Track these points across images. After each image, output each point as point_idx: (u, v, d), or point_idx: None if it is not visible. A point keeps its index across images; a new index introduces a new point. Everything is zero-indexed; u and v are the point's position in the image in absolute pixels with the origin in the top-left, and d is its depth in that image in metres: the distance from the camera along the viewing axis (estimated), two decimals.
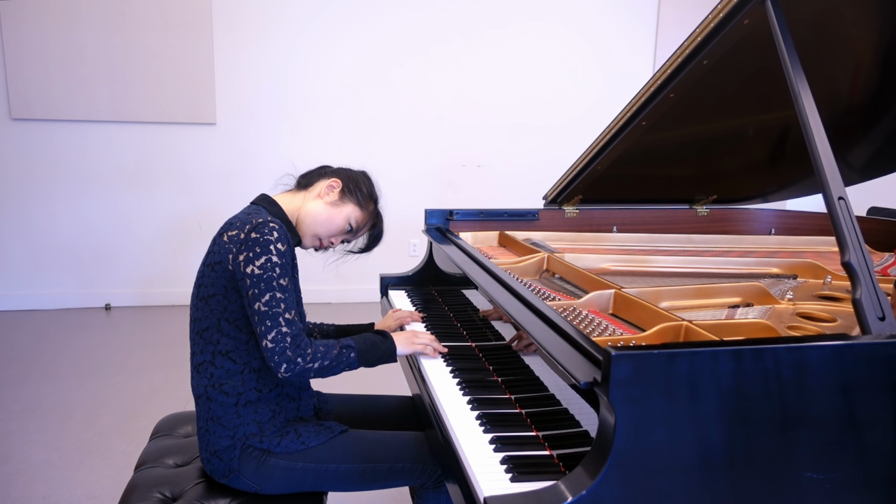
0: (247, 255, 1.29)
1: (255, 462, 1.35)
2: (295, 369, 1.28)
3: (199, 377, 1.38)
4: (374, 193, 1.60)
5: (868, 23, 1.55)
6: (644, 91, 1.72)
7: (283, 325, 1.28)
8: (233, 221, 1.38)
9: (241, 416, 1.36)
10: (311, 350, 1.31)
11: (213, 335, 1.36)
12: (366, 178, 1.59)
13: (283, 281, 1.30)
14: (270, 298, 1.28)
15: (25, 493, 2.22)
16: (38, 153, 4.09)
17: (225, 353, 1.35)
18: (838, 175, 1.12)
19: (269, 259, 1.29)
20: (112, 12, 3.99)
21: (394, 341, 1.46)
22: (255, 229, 1.31)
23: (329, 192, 1.52)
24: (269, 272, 1.28)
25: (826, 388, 0.95)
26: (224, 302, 1.34)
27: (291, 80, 4.29)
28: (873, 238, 2.02)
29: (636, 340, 1.20)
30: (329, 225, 1.52)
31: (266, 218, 1.34)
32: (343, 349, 1.36)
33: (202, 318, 1.37)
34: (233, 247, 1.32)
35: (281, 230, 1.33)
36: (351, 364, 1.37)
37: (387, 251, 5.17)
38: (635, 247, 2.15)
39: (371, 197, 1.58)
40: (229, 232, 1.35)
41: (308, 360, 1.30)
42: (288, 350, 1.28)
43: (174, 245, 4.34)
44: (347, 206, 1.53)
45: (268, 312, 1.28)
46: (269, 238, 1.30)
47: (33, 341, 3.69)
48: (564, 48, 4.59)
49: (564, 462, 1.05)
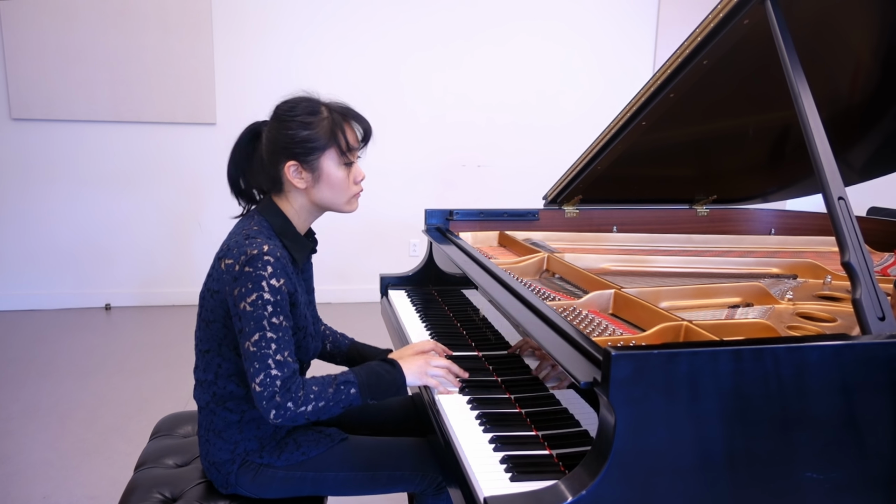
0: (240, 291, 1.21)
1: (252, 473, 1.33)
2: (286, 415, 1.19)
3: (203, 391, 1.35)
4: (309, 117, 1.29)
5: (868, 23, 1.55)
6: (644, 91, 1.72)
7: (272, 368, 1.19)
8: (231, 246, 1.27)
9: (242, 432, 1.33)
10: (303, 392, 1.21)
11: (215, 359, 1.32)
12: (290, 119, 1.29)
13: (276, 319, 1.21)
14: (260, 338, 1.19)
15: (25, 493, 2.22)
16: (38, 153, 4.09)
17: (228, 377, 1.31)
18: (838, 175, 1.12)
19: (259, 296, 1.19)
20: (112, 12, 3.99)
21: (403, 371, 1.31)
22: (249, 262, 1.20)
23: (300, 177, 1.31)
24: (260, 310, 1.19)
25: (826, 388, 0.95)
26: (224, 330, 1.29)
27: (291, 80, 4.28)
28: (873, 238, 2.02)
29: (636, 340, 1.20)
30: (339, 188, 1.33)
31: (262, 249, 1.22)
32: (341, 386, 1.25)
33: (204, 340, 1.33)
34: (228, 278, 1.23)
35: (278, 262, 1.22)
36: (352, 401, 1.25)
37: (387, 251, 5.17)
38: (635, 247, 2.15)
39: (312, 125, 1.29)
40: (226, 260, 1.25)
41: (300, 404, 1.20)
42: (277, 395, 1.18)
43: (174, 245, 4.34)
44: (323, 162, 1.30)
45: (256, 353, 1.19)
46: (262, 273, 1.20)
47: (33, 341, 3.69)
48: (565, 48, 4.59)
49: (564, 462, 1.05)
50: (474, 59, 4.49)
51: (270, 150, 1.32)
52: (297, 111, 1.30)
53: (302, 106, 1.31)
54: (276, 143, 1.31)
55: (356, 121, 1.35)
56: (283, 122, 1.30)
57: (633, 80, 4.58)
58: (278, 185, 1.34)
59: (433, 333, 1.69)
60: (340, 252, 4.50)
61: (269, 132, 1.32)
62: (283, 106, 1.33)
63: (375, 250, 4.55)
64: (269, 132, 1.32)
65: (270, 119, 1.34)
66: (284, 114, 1.31)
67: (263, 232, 1.29)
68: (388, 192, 4.51)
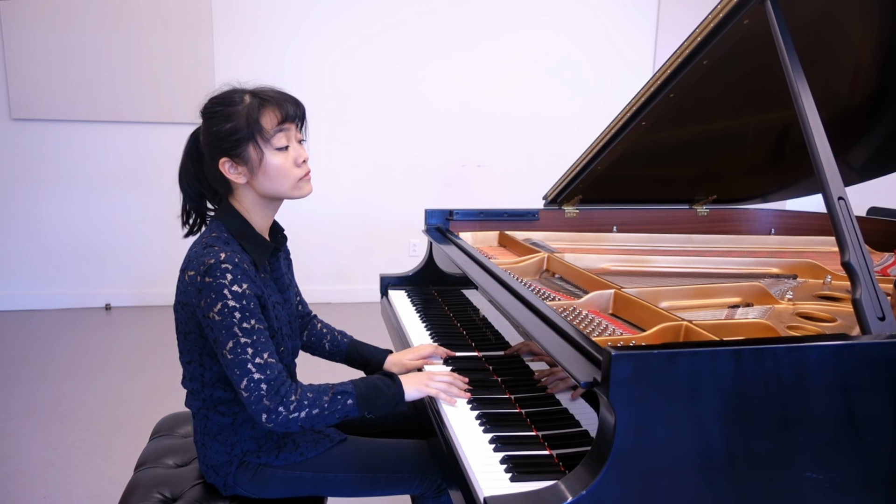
0: (205, 302, 1.19)
1: (250, 473, 1.33)
2: (278, 419, 1.18)
3: (193, 399, 1.35)
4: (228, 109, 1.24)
5: (868, 23, 1.55)
6: (644, 91, 1.72)
7: (253, 372, 1.17)
8: (191, 257, 1.25)
9: (237, 433, 1.33)
10: (297, 398, 1.20)
11: (197, 369, 1.31)
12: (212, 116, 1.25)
13: (247, 324, 1.18)
14: (234, 345, 1.18)
15: (25, 492, 2.22)
16: (38, 153, 4.09)
17: (213, 384, 1.31)
18: (838, 175, 1.13)
19: (224, 304, 1.17)
20: (112, 12, 3.99)
21: (402, 385, 1.31)
22: (208, 272, 1.18)
23: (238, 172, 1.26)
24: (228, 318, 1.17)
25: (826, 388, 0.95)
26: (201, 340, 1.27)
27: (292, 79, 4.29)
28: (873, 238, 2.02)
29: (636, 340, 1.20)
30: (280, 175, 1.27)
31: (218, 257, 1.19)
32: (338, 395, 1.24)
33: (184, 352, 1.32)
34: (192, 290, 1.22)
35: (237, 269, 1.19)
36: (349, 412, 1.24)
37: (387, 251, 5.16)
38: (635, 247, 2.15)
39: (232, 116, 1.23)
40: (188, 272, 1.23)
41: (292, 410, 1.19)
42: (265, 399, 1.17)
43: (174, 245, 4.34)
44: (253, 152, 1.24)
45: (234, 360, 1.18)
46: (223, 282, 1.17)
47: (33, 341, 3.69)
48: (565, 48, 4.59)
49: (564, 462, 1.05)
50: (475, 60, 4.49)
51: (207, 151, 1.28)
52: (216, 105, 1.26)
53: (220, 98, 1.26)
54: (206, 143, 1.27)
55: (278, 101, 1.26)
56: (207, 119, 1.27)
57: (633, 80, 4.58)
58: (227, 185, 1.30)
59: (433, 333, 1.69)
60: (340, 252, 4.50)
61: (202, 134, 1.29)
62: (206, 103, 1.28)
63: (375, 250, 4.55)
64: (202, 134, 1.29)
65: (201, 122, 1.30)
66: (207, 111, 1.27)
67: (221, 238, 1.26)
68: (388, 192, 4.51)
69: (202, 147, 1.30)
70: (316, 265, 4.44)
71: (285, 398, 1.19)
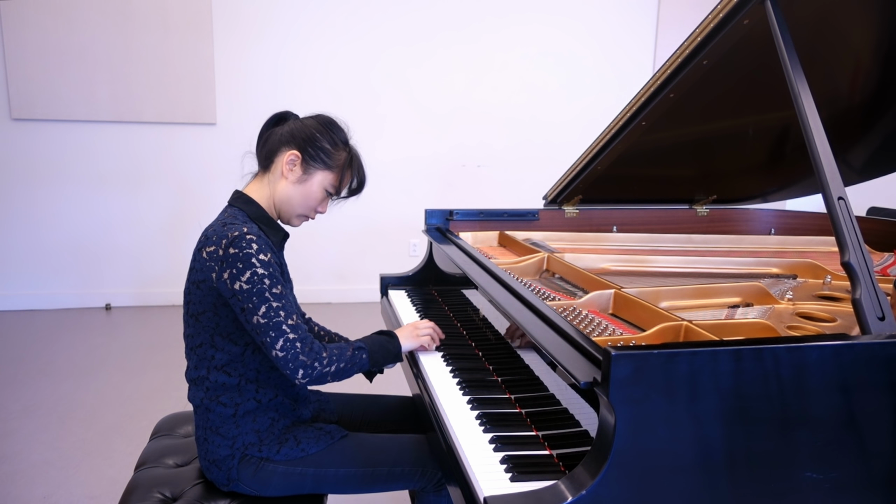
0: (230, 273, 1.24)
1: (252, 468, 1.34)
2: (313, 374, 1.26)
3: (196, 390, 1.37)
4: (340, 140, 1.42)
5: (868, 23, 1.55)
6: (644, 91, 1.72)
7: (288, 332, 1.25)
8: (209, 235, 1.32)
9: (239, 426, 1.35)
10: (327, 353, 1.30)
11: (208, 351, 1.33)
12: (326, 129, 1.41)
13: (276, 289, 1.26)
14: (267, 310, 1.24)
15: (26, 492, 2.22)
16: (39, 153, 4.09)
17: (220, 368, 1.33)
18: (838, 175, 1.13)
19: (254, 272, 1.24)
20: (112, 12, 3.99)
21: (399, 340, 1.46)
22: (233, 244, 1.25)
23: (291, 169, 1.39)
24: (259, 284, 1.24)
25: (826, 388, 0.95)
26: (215, 318, 1.31)
27: (292, 79, 4.29)
28: (873, 238, 2.02)
29: (636, 340, 1.20)
30: (306, 201, 1.42)
31: (242, 230, 1.27)
32: (356, 350, 1.36)
33: (195, 335, 1.35)
34: (213, 265, 1.27)
35: (260, 240, 1.28)
36: (363, 366, 1.37)
37: (387, 251, 5.16)
38: (635, 247, 2.15)
39: (338, 147, 1.42)
40: (207, 248, 1.29)
41: (325, 364, 1.28)
42: (301, 355, 1.25)
43: (174, 245, 4.34)
44: (317, 175, 1.40)
45: (268, 324, 1.24)
46: (249, 251, 1.25)
47: (33, 341, 3.69)
48: (564, 49, 4.59)
49: (564, 462, 1.05)
50: (475, 60, 4.49)
51: (290, 132, 1.40)
52: (335, 130, 1.42)
53: (339, 130, 1.43)
54: (301, 131, 1.40)
55: (358, 176, 1.46)
56: (319, 125, 1.41)
57: (633, 81, 4.59)
58: (267, 163, 1.42)
59: None
60: (340, 252, 4.50)
61: (302, 122, 1.43)
62: (327, 118, 1.44)
63: (375, 250, 4.55)
64: (302, 122, 1.43)
65: (310, 117, 1.44)
66: (326, 123, 1.42)
67: (239, 218, 1.36)
68: (388, 192, 4.51)
69: (289, 125, 1.42)
70: (316, 265, 4.44)
71: (318, 354, 1.28)
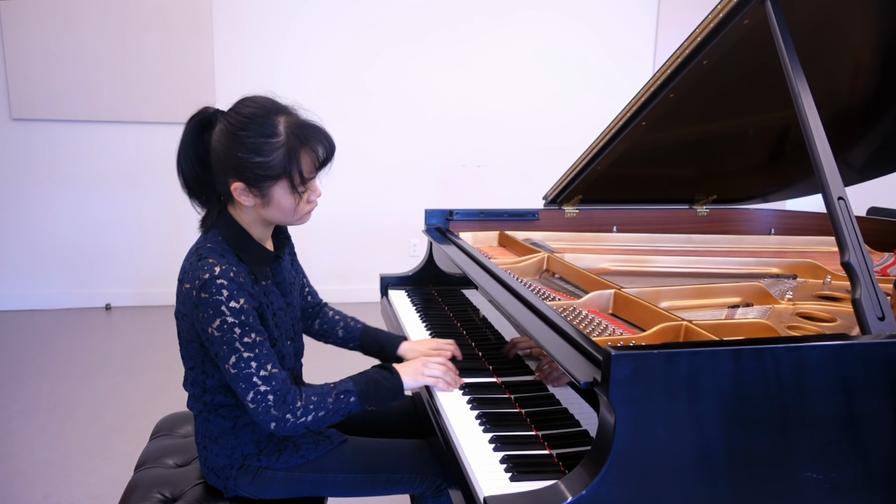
0: (203, 316, 1.17)
1: (251, 475, 1.33)
2: (286, 426, 1.20)
3: (194, 402, 1.35)
4: (267, 136, 1.16)
5: (868, 23, 1.55)
6: (644, 91, 1.72)
7: (259, 385, 1.18)
8: (186, 268, 1.23)
9: (238, 436, 1.33)
10: (302, 403, 1.21)
11: (199, 375, 1.30)
12: (245, 139, 1.16)
13: (248, 338, 1.18)
14: (237, 360, 1.17)
15: (26, 492, 2.22)
16: (39, 153, 4.09)
17: (215, 390, 1.31)
18: (838, 175, 1.13)
19: (223, 321, 1.16)
20: (112, 12, 3.99)
21: (400, 377, 1.33)
22: (203, 288, 1.16)
23: (247, 197, 1.21)
24: (228, 334, 1.16)
25: (825, 388, 0.95)
26: (201, 349, 1.27)
27: (292, 79, 4.29)
28: (873, 238, 2.02)
29: (636, 340, 1.20)
30: (287, 211, 1.24)
31: (213, 272, 1.16)
32: (341, 395, 1.26)
33: (187, 357, 1.32)
34: (190, 303, 1.20)
35: (233, 284, 1.16)
36: (352, 409, 1.27)
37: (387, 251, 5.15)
38: (635, 247, 2.15)
39: (271, 147, 1.16)
40: (185, 284, 1.21)
41: (299, 416, 1.20)
42: (272, 409, 1.19)
43: (174, 245, 4.34)
44: (275, 189, 1.20)
45: (238, 374, 1.18)
46: (219, 299, 1.15)
47: (33, 341, 3.69)
48: (564, 49, 4.59)
49: (564, 462, 1.05)
50: (475, 60, 4.49)
51: (219, 162, 1.20)
52: (251, 131, 1.16)
53: (257, 123, 1.17)
54: (224, 160, 1.18)
55: (317, 142, 1.21)
56: (234, 139, 1.17)
57: (632, 81, 4.59)
58: (228, 195, 1.23)
59: (433, 333, 1.69)
60: (340, 252, 4.50)
61: (220, 142, 1.19)
62: (235, 120, 1.18)
63: (375, 250, 4.55)
64: (220, 142, 1.19)
65: (221, 126, 1.19)
66: (237, 131, 1.17)
67: (217, 249, 1.21)
68: (388, 192, 4.51)
69: (214, 150, 1.20)
70: (316, 265, 4.43)
71: (292, 405, 1.21)
